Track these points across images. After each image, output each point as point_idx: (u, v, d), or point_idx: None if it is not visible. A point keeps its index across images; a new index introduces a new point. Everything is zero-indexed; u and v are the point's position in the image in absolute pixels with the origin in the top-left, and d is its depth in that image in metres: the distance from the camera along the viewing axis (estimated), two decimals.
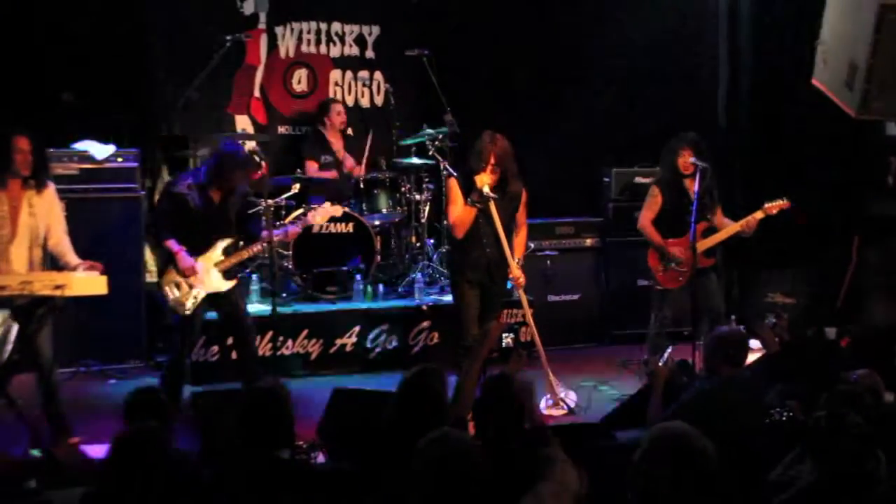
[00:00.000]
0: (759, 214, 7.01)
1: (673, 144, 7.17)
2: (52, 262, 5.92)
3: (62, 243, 5.90)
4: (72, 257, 5.86)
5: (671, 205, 7.17)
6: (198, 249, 6.40)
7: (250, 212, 6.86)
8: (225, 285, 6.47)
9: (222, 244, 6.45)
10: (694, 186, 6.97)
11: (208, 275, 6.40)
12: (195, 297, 6.38)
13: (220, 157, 6.39)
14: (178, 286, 6.38)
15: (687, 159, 7.05)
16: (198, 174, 6.49)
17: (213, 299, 6.48)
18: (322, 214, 7.17)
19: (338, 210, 7.47)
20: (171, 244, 6.35)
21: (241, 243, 6.52)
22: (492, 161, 6.27)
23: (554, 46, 9.47)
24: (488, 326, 6.12)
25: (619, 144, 9.42)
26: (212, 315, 6.71)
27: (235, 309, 6.60)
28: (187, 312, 6.40)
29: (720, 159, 7.76)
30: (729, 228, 7.11)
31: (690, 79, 9.62)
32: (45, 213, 5.84)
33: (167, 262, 6.41)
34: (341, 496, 3.77)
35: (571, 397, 6.53)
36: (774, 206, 7.01)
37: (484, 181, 6.28)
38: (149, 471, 3.46)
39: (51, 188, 5.92)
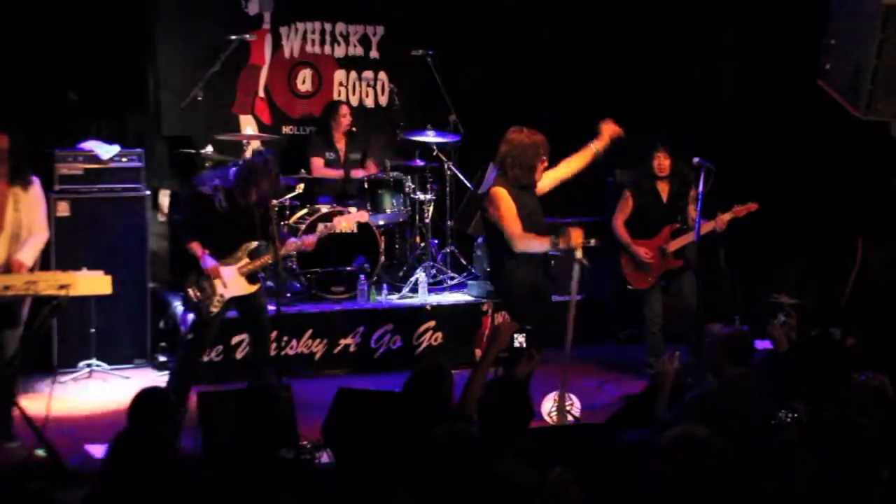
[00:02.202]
0: (728, 216, 7.22)
1: (649, 147, 7.38)
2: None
3: (30, 242, 5.90)
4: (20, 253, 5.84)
5: (641, 207, 7.39)
6: (222, 252, 6.36)
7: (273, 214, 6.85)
8: (249, 289, 6.44)
9: (247, 247, 6.43)
10: (667, 189, 7.33)
11: (233, 279, 6.37)
12: (219, 301, 6.36)
13: (251, 167, 6.36)
14: (202, 289, 6.35)
15: (662, 161, 7.28)
16: (225, 175, 6.45)
17: (236, 302, 6.47)
18: (349, 220, 7.17)
19: (364, 216, 7.45)
20: (195, 247, 6.31)
21: (264, 248, 6.50)
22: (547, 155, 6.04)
23: (557, 47, 9.47)
24: (498, 325, 6.12)
25: (622, 145, 9.41)
26: (232, 312, 6.69)
27: (259, 309, 6.55)
28: (210, 315, 6.38)
29: (723, 159, 7.75)
30: (697, 231, 7.16)
31: (694, 79, 9.61)
32: (29, 211, 5.89)
33: (190, 263, 6.39)
34: (343, 495, 3.77)
35: (576, 408, 6.49)
36: (744, 208, 7.25)
37: (579, 241, 5.86)
38: (149, 473, 3.45)
39: (36, 185, 5.96)
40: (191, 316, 6.60)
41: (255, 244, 6.44)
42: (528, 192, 6.11)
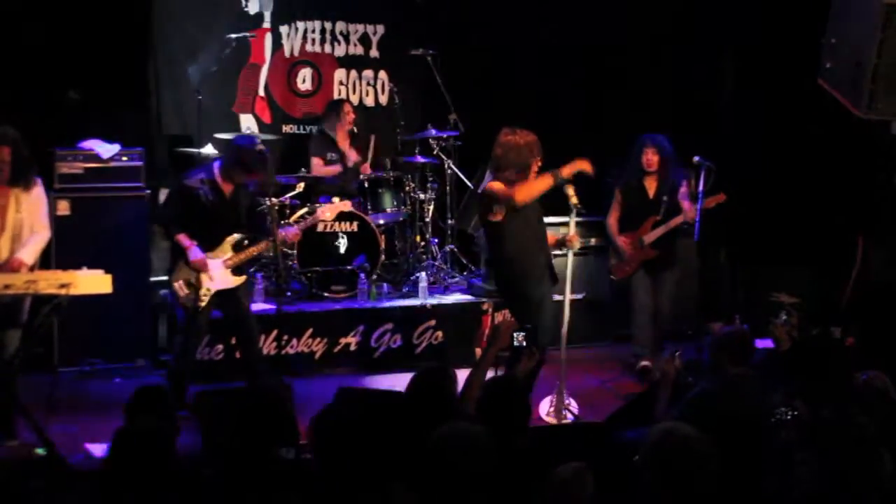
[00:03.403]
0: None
1: (638, 145, 7.53)
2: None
3: (31, 240, 5.90)
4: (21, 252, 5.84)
5: (629, 203, 7.58)
6: (208, 244, 6.40)
7: (258, 209, 6.87)
8: (234, 282, 6.48)
9: (232, 240, 6.45)
10: (654, 185, 7.49)
11: (218, 271, 6.41)
12: (206, 294, 6.38)
13: (237, 150, 6.40)
14: (188, 283, 6.38)
15: (651, 158, 7.44)
16: (210, 169, 6.49)
17: (219, 297, 6.49)
18: (332, 210, 7.21)
19: (347, 205, 7.50)
20: (182, 239, 6.35)
21: (248, 241, 6.52)
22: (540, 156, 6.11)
23: (558, 46, 9.46)
24: (498, 324, 6.11)
25: (623, 144, 9.40)
26: (217, 313, 6.71)
27: (240, 307, 6.61)
28: (198, 309, 6.40)
29: (723, 159, 7.76)
30: (672, 221, 7.41)
31: (693, 78, 9.61)
32: (31, 211, 5.89)
33: (177, 257, 6.41)
34: (342, 494, 3.75)
35: (574, 406, 6.48)
36: (712, 199, 7.30)
37: (585, 166, 6.06)
38: (150, 469, 3.45)
39: (38, 185, 5.96)
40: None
41: (238, 237, 6.46)
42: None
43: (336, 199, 7.48)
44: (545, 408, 6.32)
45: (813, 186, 8.66)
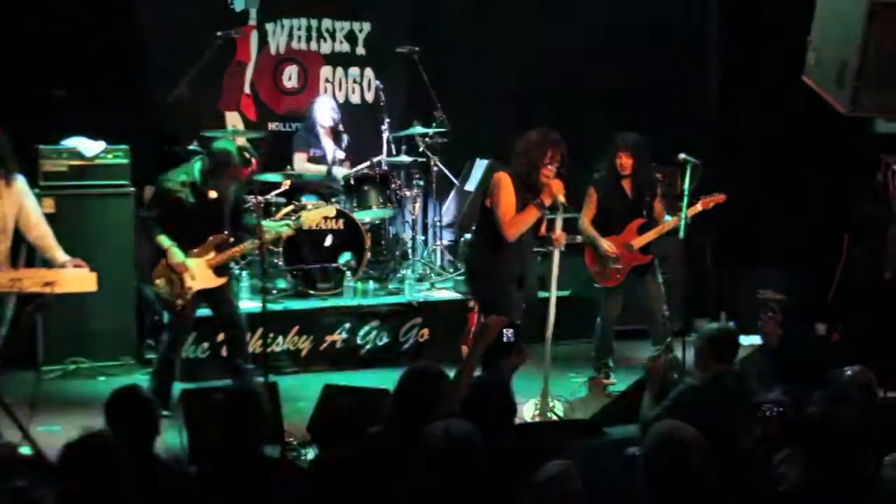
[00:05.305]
0: (697, 207, 7.12)
1: (612, 146, 7.26)
2: (41, 260, 5.90)
3: (47, 237, 5.87)
4: (59, 254, 5.81)
5: (605, 205, 7.25)
6: (190, 244, 6.39)
7: (245, 207, 6.85)
8: (217, 281, 6.47)
9: (215, 240, 6.44)
10: (631, 186, 7.19)
11: (200, 271, 6.40)
12: (187, 294, 6.37)
13: (213, 157, 6.39)
14: (169, 282, 6.37)
15: (625, 161, 7.16)
16: (190, 171, 6.48)
17: (205, 295, 6.48)
18: (315, 215, 7.18)
19: (331, 210, 7.49)
20: (162, 240, 6.34)
21: (233, 240, 6.51)
22: (558, 161, 5.91)
23: (551, 44, 9.46)
24: (487, 321, 6.10)
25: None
26: (204, 311, 6.70)
27: (227, 305, 6.61)
28: (178, 308, 6.39)
29: (709, 156, 7.77)
30: (664, 224, 7.19)
31: (686, 78, 9.63)
32: (14, 205, 5.82)
33: (158, 257, 6.40)
34: (331, 492, 3.75)
35: (559, 410, 6.46)
36: (711, 199, 7.16)
37: (560, 188, 5.85)
38: (98, 478, 3.41)
39: (20, 180, 5.88)
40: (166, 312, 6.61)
41: (222, 236, 6.45)
42: (532, 192, 5.94)
43: (322, 203, 7.41)
44: (529, 411, 6.28)
45: (799, 185, 8.70)
